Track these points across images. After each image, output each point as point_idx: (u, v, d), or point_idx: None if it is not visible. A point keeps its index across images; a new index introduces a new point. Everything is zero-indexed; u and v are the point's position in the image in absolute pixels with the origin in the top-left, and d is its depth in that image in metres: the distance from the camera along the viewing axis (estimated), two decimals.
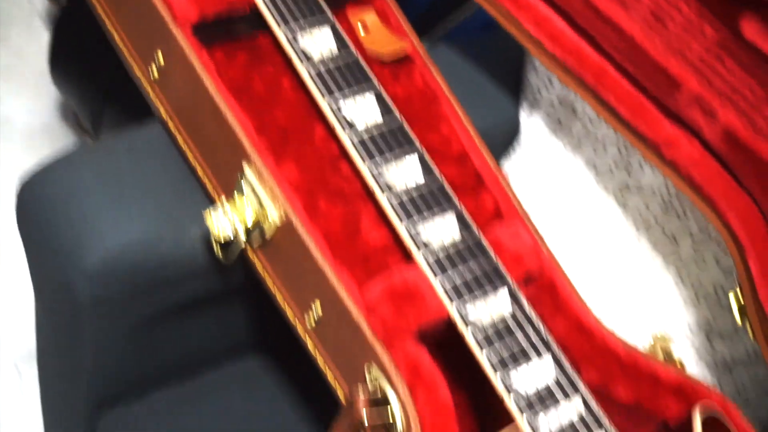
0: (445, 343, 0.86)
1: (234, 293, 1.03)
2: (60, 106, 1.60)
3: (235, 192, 0.90)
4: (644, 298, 1.06)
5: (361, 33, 0.99)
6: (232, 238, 0.89)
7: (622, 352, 0.92)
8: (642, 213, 1.05)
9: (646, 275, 1.06)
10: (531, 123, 1.11)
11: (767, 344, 0.90)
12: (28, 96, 1.60)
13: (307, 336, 0.90)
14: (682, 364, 0.95)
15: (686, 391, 0.91)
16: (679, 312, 1.05)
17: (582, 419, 0.83)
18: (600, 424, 0.83)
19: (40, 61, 1.50)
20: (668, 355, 0.95)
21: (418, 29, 1.06)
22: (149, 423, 1.06)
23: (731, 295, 0.93)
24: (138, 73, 0.97)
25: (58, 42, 1.45)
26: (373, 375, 0.84)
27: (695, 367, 1.07)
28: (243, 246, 0.90)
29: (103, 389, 1.04)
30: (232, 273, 0.98)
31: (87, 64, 1.43)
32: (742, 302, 0.91)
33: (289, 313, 0.91)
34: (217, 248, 0.93)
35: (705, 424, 0.88)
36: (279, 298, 0.91)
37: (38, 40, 1.64)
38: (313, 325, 0.88)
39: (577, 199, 1.07)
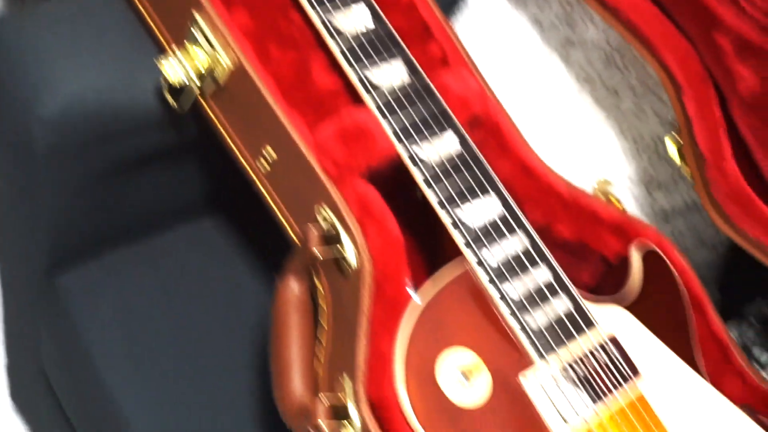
0: (395, 183, 0.89)
1: (189, 148, 1.04)
2: None
3: (186, 41, 0.92)
4: (587, 150, 1.10)
5: None
6: (185, 83, 0.91)
7: (564, 192, 0.96)
8: (584, 67, 1.09)
9: (588, 128, 1.10)
10: None
11: (701, 180, 0.95)
12: None
13: (260, 182, 0.92)
14: (622, 206, 0.99)
15: (625, 229, 0.96)
16: (620, 163, 1.10)
17: (526, 252, 0.87)
18: (543, 257, 0.87)
19: None
20: (607, 196, 0.98)
21: None
22: (106, 282, 1.08)
23: (667, 139, 0.97)
24: None
25: None
26: (324, 214, 0.87)
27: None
28: (196, 92, 0.92)
29: (60, 247, 1.06)
30: (186, 125, 1.00)
31: None
32: (680, 143, 0.95)
33: (243, 161, 0.93)
34: (171, 97, 0.95)
35: (645, 260, 0.92)
36: (232, 146, 0.93)
37: None
38: (267, 169, 0.91)
39: (523, 54, 1.10)
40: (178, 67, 0.90)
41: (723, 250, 1.17)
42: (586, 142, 1.10)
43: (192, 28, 0.90)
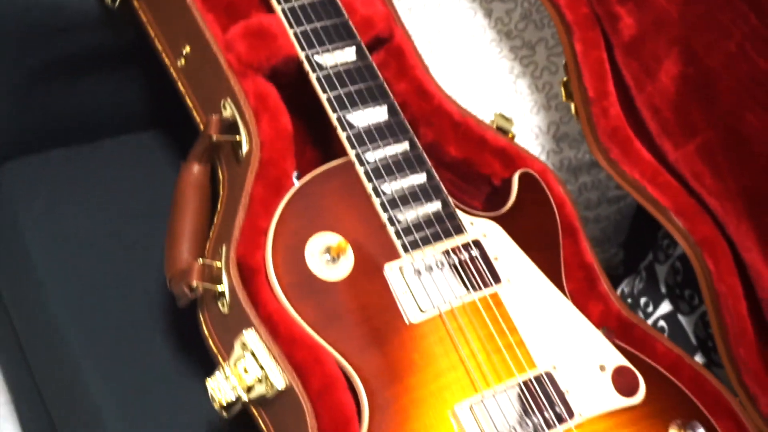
0: (296, 85, 0.97)
1: (126, 56, 1.13)
2: None
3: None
4: (501, 100, 1.17)
5: None
6: None
7: (456, 115, 1.03)
8: (504, 21, 1.16)
9: (503, 79, 1.17)
10: None
11: (586, 119, 1.01)
12: None
13: (178, 78, 1.00)
14: (514, 137, 1.06)
15: (511, 155, 1.02)
16: (532, 114, 1.16)
17: (405, 156, 0.94)
18: (422, 163, 0.94)
19: None
20: (502, 130, 1.05)
21: None
22: (45, 175, 1.15)
23: (561, 83, 1.04)
24: None
25: None
26: (227, 106, 0.95)
27: None
28: None
29: (2, 136, 1.14)
30: (121, 27, 1.08)
31: None
32: (568, 83, 1.02)
33: (166, 59, 1.01)
34: None
35: (523, 181, 0.99)
36: (158, 45, 1.01)
37: None
38: (183, 63, 0.99)
39: (448, 3, 1.17)
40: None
41: (626, 208, 1.23)
42: (502, 92, 1.17)
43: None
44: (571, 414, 0.89)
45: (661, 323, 1.10)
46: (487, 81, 1.16)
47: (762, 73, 0.95)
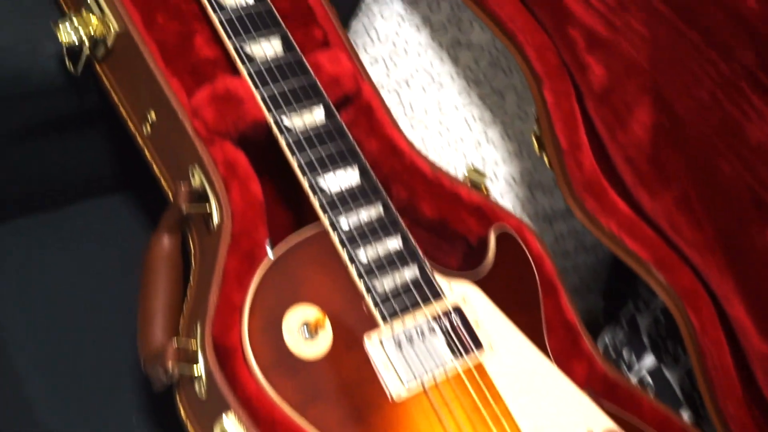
0: (265, 148, 0.94)
1: (90, 119, 1.09)
2: None
3: (83, 7, 0.97)
4: (472, 149, 1.15)
5: None
6: (77, 44, 0.96)
7: (428, 172, 1.00)
8: (472, 68, 1.14)
9: (474, 128, 1.15)
10: None
11: (560, 170, 1.00)
12: None
13: (144, 145, 0.97)
14: (487, 191, 1.04)
15: (486, 213, 1.00)
16: (504, 163, 1.15)
17: (380, 221, 0.92)
18: (396, 227, 0.92)
19: None
20: (475, 185, 1.03)
21: None
22: (9, 245, 1.11)
23: (532, 133, 1.02)
24: None
25: None
26: (195, 174, 0.92)
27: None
28: (88, 53, 0.98)
29: None
30: (84, 91, 1.05)
31: None
32: (540, 134, 1.00)
33: (131, 125, 0.98)
34: (67, 59, 1.00)
35: (500, 240, 0.97)
36: (122, 110, 0.98)
37: None
38: (149, 131, 0.95)
39: (414, 53, 1.15)
40: (72, 31, 0.96)
41: (604, 256, 1.21)
42: (471, 142, 1.15)
43: None
44: None
45: (647, 378, 1.09)
46: (457, 130, 1.14)
47: (733, 121, 0.94)
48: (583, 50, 0.97)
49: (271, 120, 0.92)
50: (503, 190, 1.15)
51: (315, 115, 0.94)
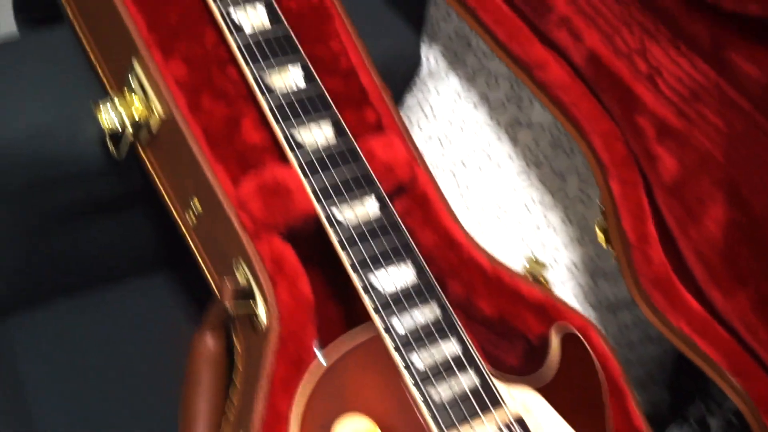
0: (314, 241, 0.89)
1: (132, 199, 1.05)
2: None
3: (125, 87, 0.93)
4: (531, 233, 1.09)
5: None
6: (120, 130, 0.92)
7: (487, 266, 0.95)
8: (532, 149, 1.08)
9: (533, 211, 1.09)
10: (430, 55, 1.14)
11: (627, 265, 0.93)
12: None
13: (188, 235, 0.92)
14: (548, 285, 0.98)
15: (548, 310, 0.94)
16: (565, 249, 1.08)
17: (436, 323, 0.86)
18: (454, 330, 0.86)
19: None
20: (536, 278, 0.97)
21: None
22: (53, 330, 1.08)
23: (596, 224, 0.96)
24: None
25: None
26: (240, 269, 0.87)
27: (579, 307, 1.10)
28: (131, 139, 0.93)
29: (4, 293, 1.06)
30: (127, 174, 1.00)
31: None
32: (606, 225, 0.94)
33: (175, 213, 0.93)
34: (109, 142, 0.95)
35: (564, 342, 0.91)
36: (165, 197, 0.94)
37: None
38: (194, 221, 0.91)
39: (471, 131, 1.10)
40: (113, 114, 0.91)
41: (670, 347, 1.15)
42: (530, 226, 1.09)
43: (129, 75, 0.92)
44: None
45: None
46: (516, 213, 1.08)
47: None
48: (653, 140, 0.91)
49: (321, 213, 0.87)
50: (564, 277, 1.08)
51: (368, 207, 0.88)
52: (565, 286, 1.09)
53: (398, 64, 1.12)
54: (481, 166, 1.09)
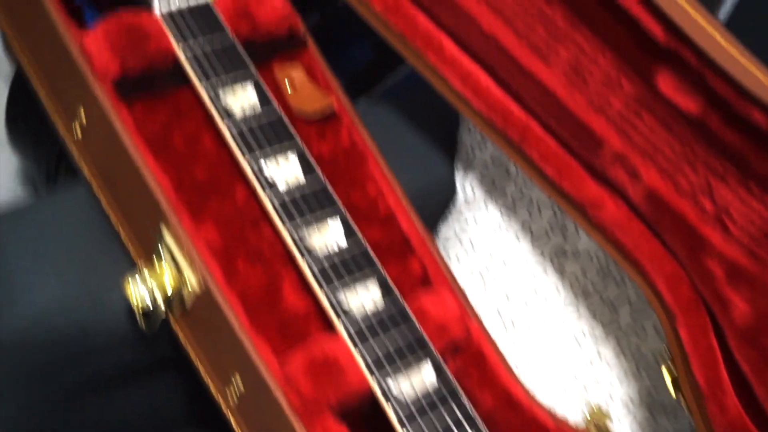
0: (370, 415, 0.82)
1: (162, 365, 0.98)
2: (18, 168, 1.53)
3: (154, 256, 0.86)
4: (583, 369, 1.03)
5: (288, 90, 0.96)
6: (151, 308, 0.85)
7: (551, 426, 0.88)
8: (579, 279, 1.02)
9: (585, 345, 1.03)
10: (466, 184, 1.08)
11: (700, 414, 0.87)
12: None
13: (229, 413, 0.85)
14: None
15: None
16: (620, 384, 1.02)
17: None
18: None
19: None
20: (600, 429, 0.91)
21: (354, 88, 1.03)
22: None
23: (663, 369, 0.90)
24: (63, 132, 0.93)
25: (13, 101, 1.41)
26: None
27: None
28: (164, 316, 0.86)
29: None
30: (157, 343, 0.93)
31: (40, 125, 1.39)
32: (675, 373, 0.88)
33: (212, 388, 0.86)
34: (139, 317, 0.88)
35: None
36: (202, 371, 0.87)
37: None
38: (236, 401, 0.84)
39: (514, 263, 1.04)
40: (144, 291, 0.84)
41: None
42: (582, 360, 1.03)
43: (159, 243, 0.85)
44: None
45: None
46: (566, 348, 1.02)
47: None
48: (724, 283, 0.85)
49: (376, 388, 0.80)
50: (620, 413, 1.02)
51: (424, 376, 0.82)
52: (622, 422, 1.02)
53: (432, 193, 1.06)
54: (527, 300, 1.03)
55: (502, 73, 0.93)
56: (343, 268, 0.84)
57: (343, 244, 0.85)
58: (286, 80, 0.96)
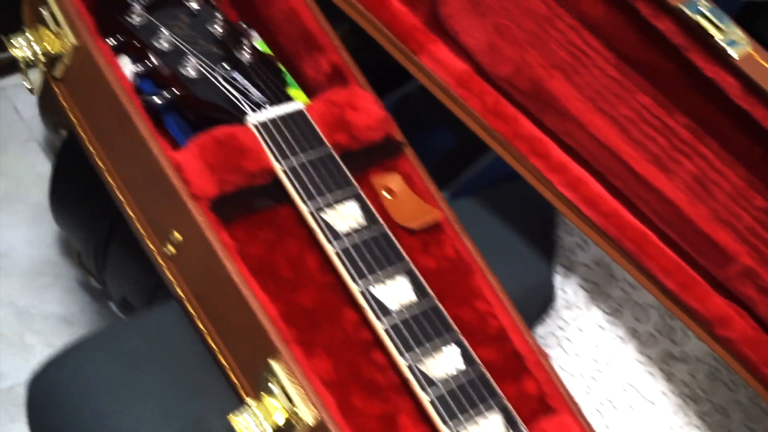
0: None
1: None
2: (61, 240, 1.50)
3: (262, 390, 0.83)
4: None
5: (388, 202, 0.93)
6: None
7: None
8: (688, 384, 0.99)
9: None
10: (566, 286, 1.04)
11: None
12: (27, 228, 1.50)
13: None
14: None
15: None
16: None
17: None
18: None
19: (39, 191, 1.42)
20: None
21: (435, 179, 0.99)
22: None
23: None
24: (150, 245, 0.90)
25: (59, 175, 1.37)
26: None
27: None
28: None
29: None
30: None
31: (90, 202, 1.35)
32: None
33: None
34: None
35: None
36: None
37: (35, 168, 1.54)
38: None
39: (618, 367, 1.01)
40: (252, 423, 0.81)
41: None
42: None
43: (269, 378, 0.82)
44: None
45: None
46: None
47: None
48: None
49: None
50: None
51: None
52: None
53: (531, 296, 1.03)
54: (632, 405, 1.00)
55: (615, 181, 0.90)
56: (465, 399, 0.80)
57: (462, 369, 0.82)
58: (383, 191, 0.93)
